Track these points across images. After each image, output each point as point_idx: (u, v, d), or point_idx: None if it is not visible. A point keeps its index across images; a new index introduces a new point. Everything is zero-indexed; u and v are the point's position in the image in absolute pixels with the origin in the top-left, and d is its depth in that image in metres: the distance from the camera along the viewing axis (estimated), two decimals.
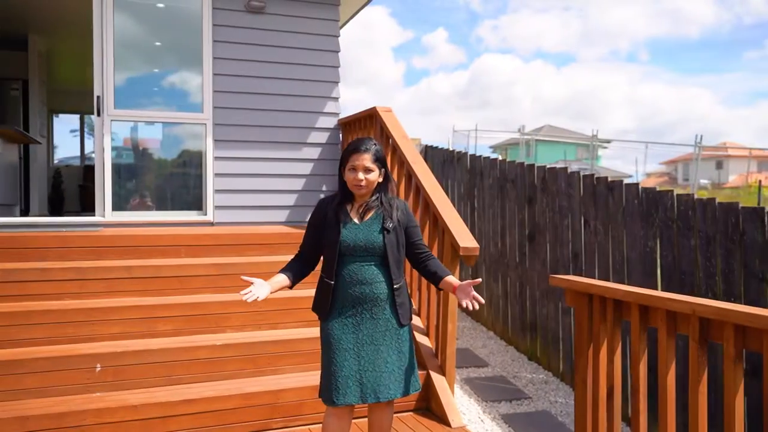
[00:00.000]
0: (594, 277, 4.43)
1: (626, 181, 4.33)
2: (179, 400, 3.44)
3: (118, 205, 5.33)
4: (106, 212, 5.25)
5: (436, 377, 3.93)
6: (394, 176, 4.82)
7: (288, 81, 5.79)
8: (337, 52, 5.98)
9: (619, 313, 2.58)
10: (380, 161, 2.66)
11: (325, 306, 2.64)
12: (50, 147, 10.92)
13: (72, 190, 10.56)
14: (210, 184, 5.55)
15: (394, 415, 3.86)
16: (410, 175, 4.50)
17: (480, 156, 6.06)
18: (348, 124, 5.78)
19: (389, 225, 2.63)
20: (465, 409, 4.24)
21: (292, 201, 5.81)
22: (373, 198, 2.68)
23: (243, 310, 4.15)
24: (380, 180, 2.68)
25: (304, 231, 2.84)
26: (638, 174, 24.46)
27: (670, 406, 2.30)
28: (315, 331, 3.45)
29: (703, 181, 23.00)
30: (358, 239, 2.60)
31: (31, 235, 4.36)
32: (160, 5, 5.61)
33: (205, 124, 5.54)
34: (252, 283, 2.56)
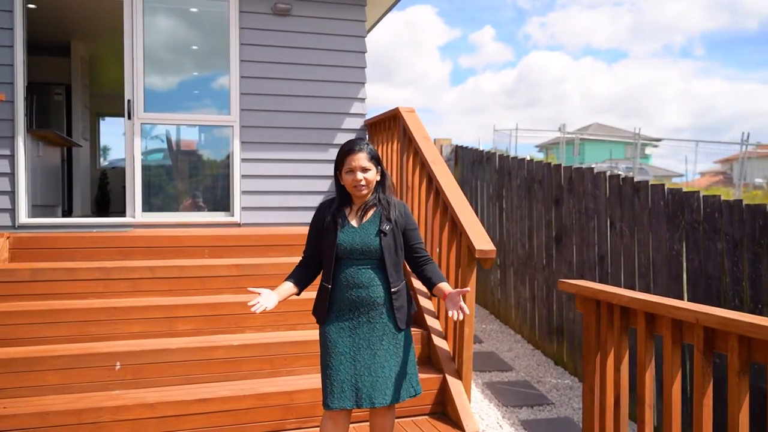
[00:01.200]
0: (620, 282, 4.29)
1: (677, 180, 4.16)
2: (194, 399, 3.49)
3: (147, 206, 5.46)
4: (136, 213, 5.38)
5: (452, 381, 3.87)
6: (416, 178, 4.78)
7: (314, 82, 5.82)
8: (364, 52, 5.97)
9: (626, 320, 2.48)
10: (375, 159, 2.64)
11: (323, 310, 2.64)
12: (96, 149, 11.28)
13: (118, 191, 10.88)
14: (237, 185, 5.62)
15: (410, 418, 3.85)
16: (431, 178, 4.45)
17: (508, 156, 5.95)
18: (373, 125, 5.77)
19: (386, 227, 2.60)
20: (484, 414, 4.17)
21: (319, 202, 5.82)
22: (371, 198, 2.66)
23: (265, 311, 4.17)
24: (378, 178, 2.67)
25: None
26: (690, 173, 23.62)
27: (675, 418, 2.19)
28: None
29: (759, 181, 22.00)
30: (354, 242, 2.58)
31: (61, 236, 4.50)
32: (189, 10, 5.71)
33: (232, 126, 5.62)
34: (259, 294, 2.57)
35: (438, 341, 4.14)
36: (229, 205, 5.67)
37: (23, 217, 5.14)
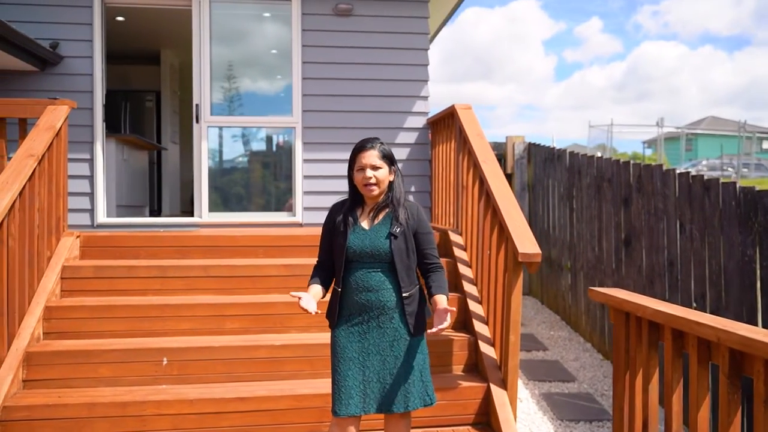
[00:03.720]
0: (689, 290, 3.91)
1: None
2: (233, 398, 3.54)
3: (214, 206, 5.64)
4: (203, 213, 5.58)
5: (496, 391, 3.68)
6: (469, 178, 4.61)
7: (376, 81, 5.78)
8: (426, 50, 5.86)
9: (655, 335, 2.22)
10: (388, 158, 2.56)
11: (333, 314, 2.58)
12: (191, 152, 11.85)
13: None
14: (299, 186, 5.69)
15: (451, 428, 3.70)
16: (483, 180, 4.25)
17: (578, 153, 5.62)
18: (434, 124, 5.64)
19: (396, 230, 2.50)
20: (536, 427, 3.94)
21: None
22: (383, 198, 2.57)
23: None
24: (391, 179, 2.57)
25: None
26: None
27: None
28: None
29: None
30: (364, 245, 2.50)
31: (127, 235, 4.74)
32: (253, 15, 5.85)
33: (294, 127, 5.69)
34: (301, 298, 2.52)
35: (485, 348, 3.96)
36: (292, 205, 5.74)
37: (101, 217, 5.48)
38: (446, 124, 5.27)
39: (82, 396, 3.52)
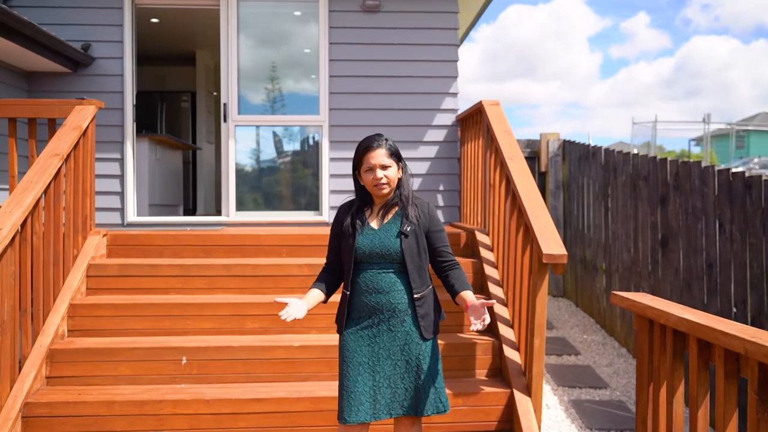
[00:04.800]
0: (729, 294, 3.68)
1: None
2: (250, 398, 3.50)
3: (241, 205, 5.64)
4: (230, 212, 5.58)
5: (519, 398, 3.54)
6: (496, 176, 4.46)
7: (404, 78, 5.68)
8: (456, 45, 5.73)
9: (680, 345, 2.06)
10: (396, 155, 2.47)
11: (341, 317, 2.50)
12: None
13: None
14: (326, 184, 5.63)
15: None
16: (509, 178, 4.10)
17: (613, 150, 5.40)
18: (463, 121, 5.51)
19: (407, 228, 2.40)
20: None
21: None
22: (393, 196, 2.48)
23: (329, 311, 4.09)
24: (399, 175, 2.48)
25: None
26: None
27: None
28: None
29: None
30: (374, 245, 2.41)
31: (152, 234, 4.75)
32: (280, 13, 5.82)
33: (321, 125, 5.64)
34: (287, 304, 2.48)
35: (509, 352, 3.82)
36: (318, 204, 5.70)
37: (131, 216, 5.53)
38: (474, 121, 5.14)
39: (102, 394, 3.53)
